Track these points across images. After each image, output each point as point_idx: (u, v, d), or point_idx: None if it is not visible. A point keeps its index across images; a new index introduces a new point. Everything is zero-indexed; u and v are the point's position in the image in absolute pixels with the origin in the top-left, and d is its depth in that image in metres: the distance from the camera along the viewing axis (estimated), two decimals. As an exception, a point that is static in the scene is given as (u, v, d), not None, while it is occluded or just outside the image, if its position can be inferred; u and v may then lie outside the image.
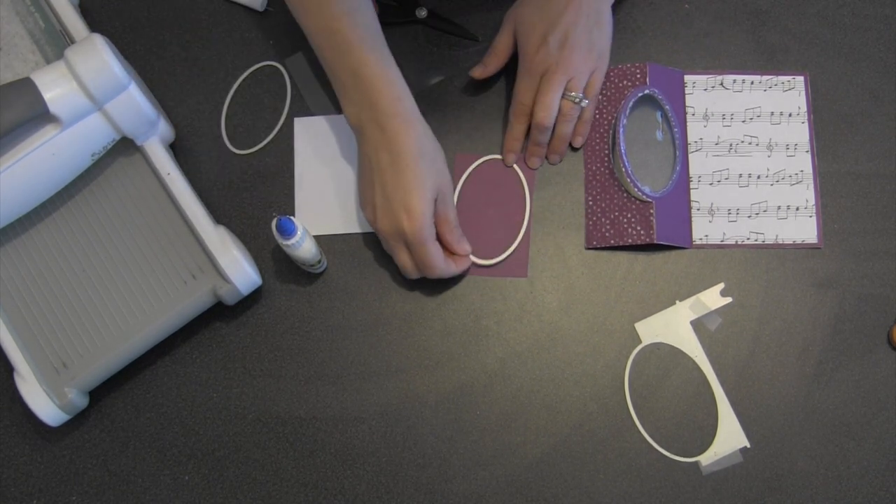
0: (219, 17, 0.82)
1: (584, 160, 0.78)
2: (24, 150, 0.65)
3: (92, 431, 0.73)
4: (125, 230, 0.72)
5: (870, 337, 0.74)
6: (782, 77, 0.80)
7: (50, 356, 0.70)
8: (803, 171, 0.78)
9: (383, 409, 0.73)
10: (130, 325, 0.70)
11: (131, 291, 0.71)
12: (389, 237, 0.70)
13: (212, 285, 0.70)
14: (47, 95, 0.64)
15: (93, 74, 0.65)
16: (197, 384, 0.74)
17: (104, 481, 0.68)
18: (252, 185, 0.78)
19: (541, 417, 0.73)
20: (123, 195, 0.73)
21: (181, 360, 0.74)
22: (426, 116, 0.71)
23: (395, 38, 0.81)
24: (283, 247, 0.68)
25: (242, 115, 0.79)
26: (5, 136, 0.63)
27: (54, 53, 0.73)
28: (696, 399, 0.73)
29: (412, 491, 0.71)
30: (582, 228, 0.77)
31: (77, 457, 0.71)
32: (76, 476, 0.72)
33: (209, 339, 0.75)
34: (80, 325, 0.71)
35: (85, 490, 0.71)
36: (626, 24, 0.81)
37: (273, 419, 0.73)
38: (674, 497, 0.71)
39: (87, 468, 0.70)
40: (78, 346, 0.70)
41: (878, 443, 0.72)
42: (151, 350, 0.72)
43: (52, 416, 0.68)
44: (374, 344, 0.74)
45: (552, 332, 0.75)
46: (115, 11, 0.82)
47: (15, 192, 0.67)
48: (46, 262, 0.72)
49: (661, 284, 0.76)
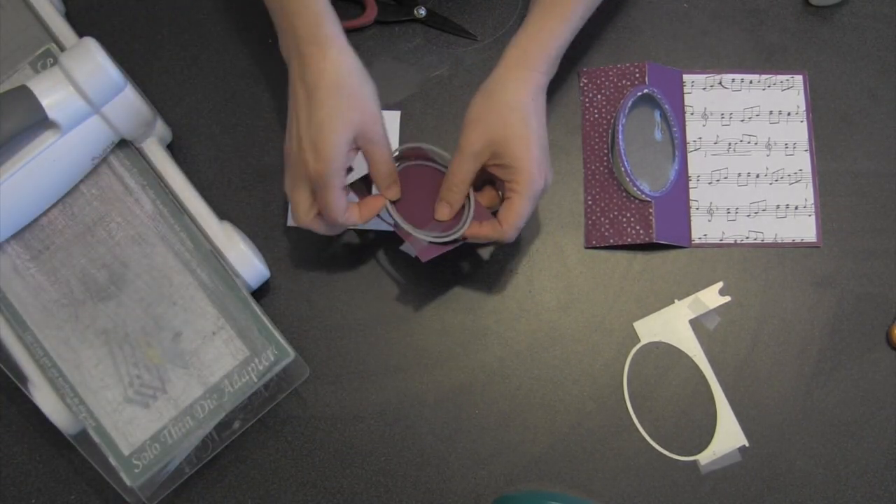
0: (217, 16, 0.82)
1: (584, 160, 0.78)
2: (24, 158, 0.65)
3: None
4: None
5: (869, 336, 0.74)
6: (781, 76, 0.80)
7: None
8: (802, 170, 0.78)
9: (382, 408, 0.73)
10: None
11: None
12: (295, 174, 0.65)
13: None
14: (45, 102, 0.64)
15: (89, 77, 0.65)
16: (196, 384, 0.74)
17: (103, 480, 0.68)
18: (251, 185, 0.78)
19: (539, 416, 0.73)
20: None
21: (180, 359, 0.74)
22: (425, 115, 0.70)
23: (395, 38, 0.81)
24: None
25: (241, 115, 0.79)
26: (5, 145, 0.63)
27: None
28: (695, 398, 0.73)
29: (411, 490, 0.71)
30: (581, 228, 0.77)
31: (75, 456, 0.71)
32: (75, 475, 0.72)
33: (208, 338, 0.75)
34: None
35: (84, 489, 0.72)
36: (625, 23, 0.81)
37: (272, 418, 0.73)
38: (672, 496, 0.71)
39: (85, 468, 0.70)
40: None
41: (876, 442, 0.72)
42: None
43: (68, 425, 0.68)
44: (373, 343, 0.74)
45: (551, 332, 0.75)
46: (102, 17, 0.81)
47: (17, 201, 0.67)
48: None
49: (660, 283, 0.76)
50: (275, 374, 0.68)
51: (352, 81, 0.63)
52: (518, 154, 0.64)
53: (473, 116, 0.66)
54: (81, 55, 0.65)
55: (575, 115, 0.79)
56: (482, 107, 0.65)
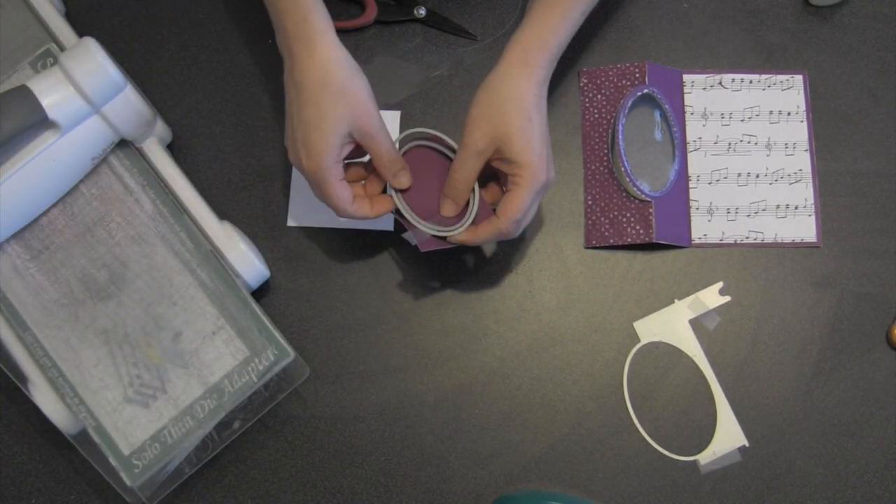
0: (217, 16, 0.82)
1: (584, 160, 0.78)
2: (24, 158, 0.65)
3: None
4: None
5: (869, 336, 0.74)
6: (781, 76, 0.80)
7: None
8: (802, 169, 0.78)
9: (382, 407, 0.73)
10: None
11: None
12: (301, 174, 0.66)
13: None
14: (45, 101, 0.64)
15: (89, 77, 0.65)
16: (196, 384, 0.74)
17: (103, 480, 0.68)
18: (251, 185, 0.78)
19: (539, 416, 0.73)
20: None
21: (180, 359, 0.74)
22: (425, 115, 0.70)
23: (395, 38, 0.81)
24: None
25: (241, 115, 0.79)
26: (5, 145, 0.63)
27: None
28: (695, 398, 0.73)
29: (411, 490, 0.71)
30: (581, 228, 0.77)
31: (75, 456, 0.71)
32: (75, 475, 0.72)
33: (208, 338, 0.75)
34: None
35: (84, 489, 0.72)
36: (625, 23, 0.81)
37: (272, 418, 0.73)
38: (672, 496, 0.71)
39: (85, 468, 0.70)
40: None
41: (876, 442, 0.72)
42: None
43: (68, 425, 0.68)
44: (373, 343, 0.74)
45: (551, 332, 0.75)
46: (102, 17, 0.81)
47: (17, 201, 0.67)
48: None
49: (660, 283, 0.76)
50: (275, 374, 0.68)
51: (340, 77, 0.63)
52: (521, 148, 0.64)
53: (476, 114, 0.65)
54: (81, 55, 0.65)
55: (575, 115, 0.79)
56: (485, 104, 0.65)
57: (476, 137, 0.65)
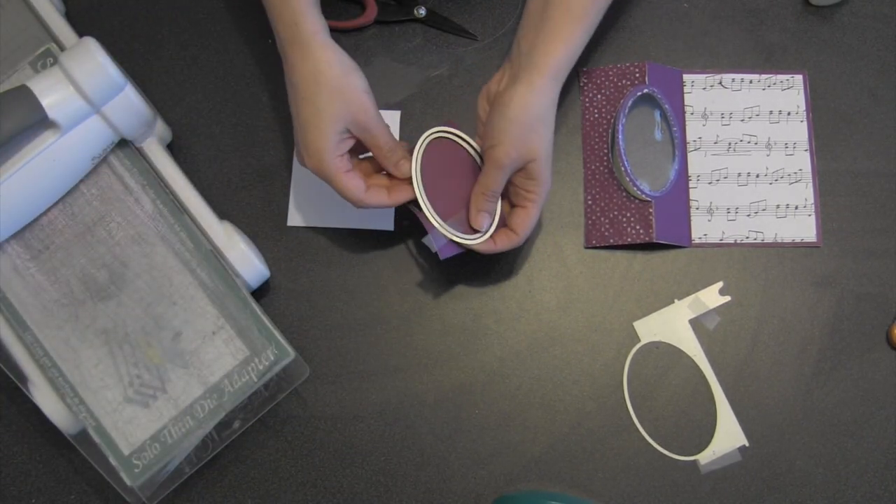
0: (217, 16, 0.82)
1: (584, 159, 0.78)
2: (24, 157, 0.65)
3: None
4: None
5: (868, 336, 0.74)
6: (781, 76, 0.80)
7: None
8: (802, 169, 0.78)
9: (382, 407, 0.73)
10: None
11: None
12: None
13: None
14: (45, 101, 0.64)
15: (89, 77, 0.65)
16: (196, 383, 0.74)
17: (103, 480, 0.68)
18: (251, 185, 0.78)
19: (539, 416, 0.73)
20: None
21: (180, 359, 0.74)
22: (425, 115, 0.70)
23: (395, 38, 0.81)
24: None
25: (241, 115, 0.79)
26: (5, 145, 0.63)
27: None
28: (695, 398, 0.73)
29: (411, 490, 0.72)
30: (581, 228, 0.77)
31: (75, 456, 0.71)
32: (75, 475, 0.72)
33: (208, 338, 0.75)
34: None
35: (84, 489, 0.72)
36: (625, 23, 0.81)
37: (272, 418, 0.73)
38: (672, 496, 0.71)
39: (85, 468, 0.70)
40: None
41: (876, 441, 0.72)
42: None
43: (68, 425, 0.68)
44: (373, 343, 0.74)
45: (551, 332, 0.75)
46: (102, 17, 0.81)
47: (17, 201, 0.67)
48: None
49: (660, 283, 0.76)
50: (275, 374, 0.68)
51: (332, 75, 0.64)
52: (545, 167, 0.67)
53: (508, 128, 0.65)
54: (81, 55, 0.65)
55: (575, 115, 0.79)
56: (518, 121, 0.65)
57: (510, 152, 0.66)
